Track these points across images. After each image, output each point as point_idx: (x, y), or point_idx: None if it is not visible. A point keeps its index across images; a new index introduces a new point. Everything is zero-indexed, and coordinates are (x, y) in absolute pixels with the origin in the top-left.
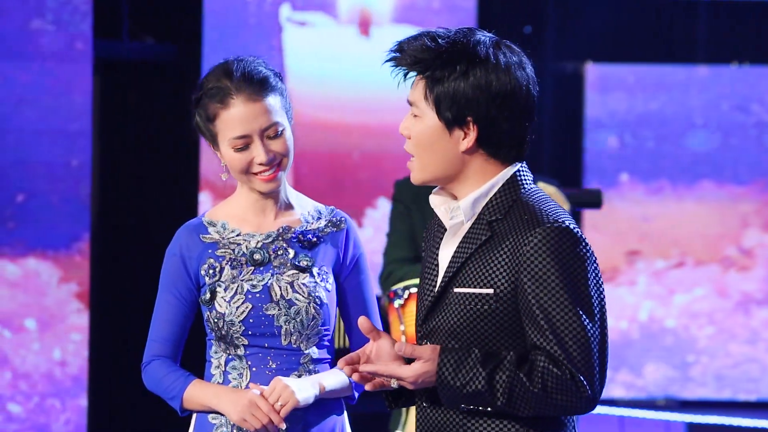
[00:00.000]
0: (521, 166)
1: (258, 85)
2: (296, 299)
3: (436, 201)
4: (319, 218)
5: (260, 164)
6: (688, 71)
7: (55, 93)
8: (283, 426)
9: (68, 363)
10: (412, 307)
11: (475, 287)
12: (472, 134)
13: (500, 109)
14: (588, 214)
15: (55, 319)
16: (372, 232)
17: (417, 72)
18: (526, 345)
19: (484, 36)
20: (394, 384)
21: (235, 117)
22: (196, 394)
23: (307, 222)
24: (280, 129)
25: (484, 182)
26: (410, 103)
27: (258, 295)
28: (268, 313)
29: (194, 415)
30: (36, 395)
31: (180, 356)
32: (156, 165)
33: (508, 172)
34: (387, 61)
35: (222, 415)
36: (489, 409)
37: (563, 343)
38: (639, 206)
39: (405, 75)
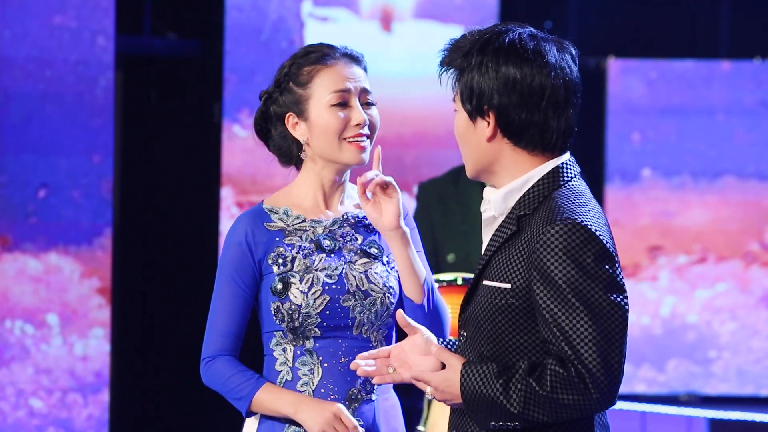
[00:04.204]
0: (564, 162)
1: (356, 58)
2: (371, 290)
3: (485, 194)
4: None
5: (357, 125)
6: (711, 66)
7: (77, 89)
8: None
9: (90, 358)
10: None
11: (497, 281)
12: (492, 122)
13: (510, 96)
14: (610, 210)
15: (77, 314)
16: None
17: (450, 70)
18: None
19: (516, 29)
20: (428, 394)
21: (338, 73)
22: (269, 399)
23: None
24: (373, 99)
25: (520, 175)
26: (453, 100)
27: (335, 286)
28: (345, 304)
29: (257, 419)
30: (58, 390)
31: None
32: (178, 161)
33: (547, 166)
34: (439, 63)
35: (290, 422)
36: (517, 424)
37: (570, 341)
38: (661, 202)
39: (441, 73)
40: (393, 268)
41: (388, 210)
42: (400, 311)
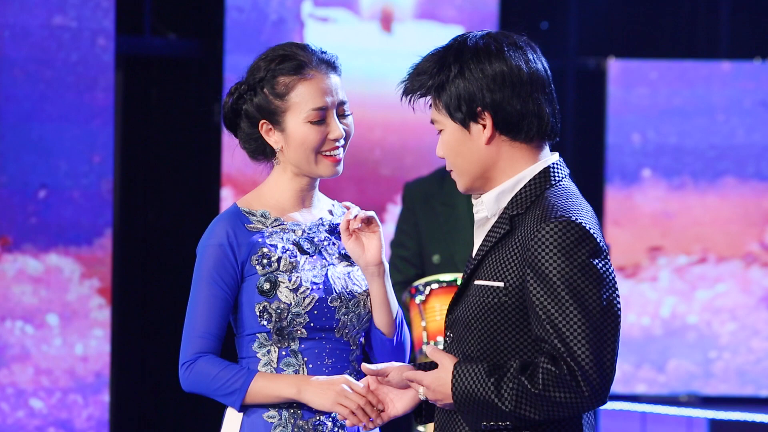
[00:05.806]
0: (555, 162)
1: (332, 63)
2: (355, 291)
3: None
4: (339, 213)
5: (333, 139)
6: (711, 67)
7: (77, 89)
8: (381, 406)
9: (90, 359)
10: (433, 303)
11: (489, 280)
12: (488, 123)
13: (502, 90)
14: (610, 210)
15: (77, 314)
16: (393, 228)
17: (424, 91)
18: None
19: (475, 32)
20: (421, 395)
21: (316, 88)
22: (266, 385)
23: (334, 215)
24: (349, 109)
25: (516, 173)
26: (433, 123)
27: (321, 286)
28: (332, 305)
29: (240, 416)
30: (58, 391)
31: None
32: (178, 161)
33: (538, 167)
34: (402, 93)
35: (280, 412)
36: (508, 424)
37: (563, 338)
38: (661, 202)
39: (411, 98)
40: None
41: (371, 244)
42: (364, 364)
